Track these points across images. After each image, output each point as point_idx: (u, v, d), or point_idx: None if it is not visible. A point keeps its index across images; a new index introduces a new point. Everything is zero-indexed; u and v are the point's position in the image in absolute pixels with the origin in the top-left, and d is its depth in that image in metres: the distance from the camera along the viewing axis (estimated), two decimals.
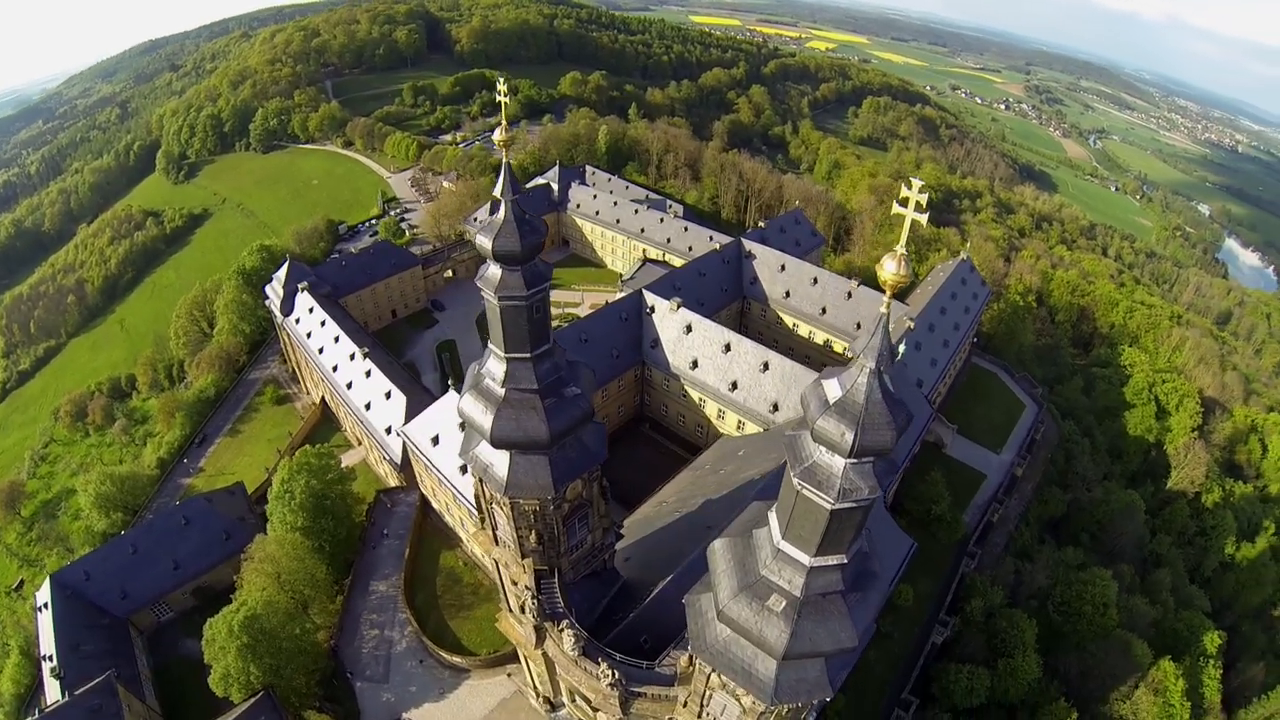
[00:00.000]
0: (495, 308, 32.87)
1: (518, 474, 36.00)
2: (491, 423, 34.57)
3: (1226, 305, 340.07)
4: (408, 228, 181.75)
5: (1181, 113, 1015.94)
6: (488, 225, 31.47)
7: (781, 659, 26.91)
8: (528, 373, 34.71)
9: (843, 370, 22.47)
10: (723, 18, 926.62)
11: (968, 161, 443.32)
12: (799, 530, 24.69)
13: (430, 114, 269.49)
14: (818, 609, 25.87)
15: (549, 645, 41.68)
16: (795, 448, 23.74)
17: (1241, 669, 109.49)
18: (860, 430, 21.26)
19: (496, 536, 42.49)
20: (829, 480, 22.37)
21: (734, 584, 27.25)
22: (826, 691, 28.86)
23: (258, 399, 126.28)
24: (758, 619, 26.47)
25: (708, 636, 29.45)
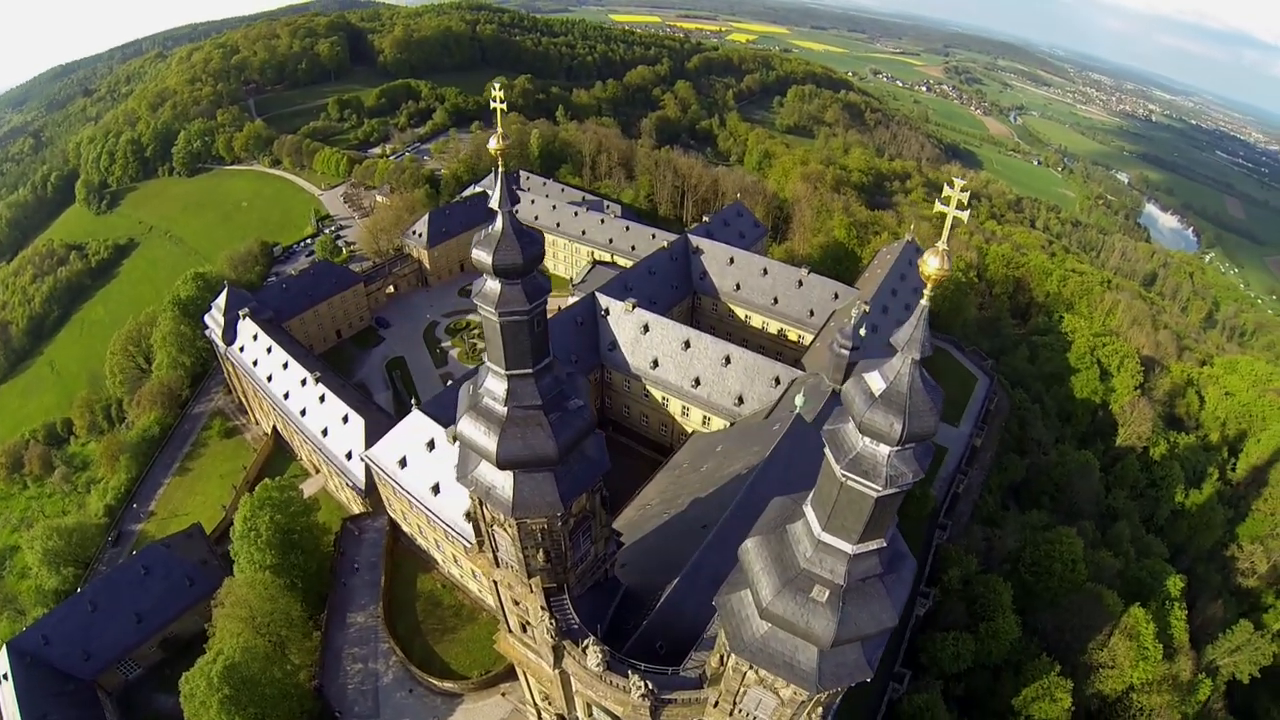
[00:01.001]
0: (495, 324, 31.29)
1: (524, 494, 34.55)
2: (497, 444, 33.04)
3: (1151, 267, 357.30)
4: (344, 245, 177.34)
5: (1096, 86, 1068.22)
6: (485, 239, 29.80)
7: (829, 647, 27.29)
8: (531, 389, 33.32)
9: (883, 363, 22.62)
10: (643, 15, 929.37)
11: (894, 144, 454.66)
12: (841, 520, 24.79)
13: (358, 127, 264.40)
14: (860, 594, 26.17)
15: (568, 663, 40.24)
16: (838, 441, 23.55)
17: (1202, 608, 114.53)
18: (908, 419, 21.64)
19: (498, 558, 40.81)
20: (875, 469, 22.60)
21: (775, 581, 27.04)
22: (867, 673, 28.84)
23: (205, 434, 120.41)
24: (803, 611, 26.56)
25: (745, 635, 29.24)
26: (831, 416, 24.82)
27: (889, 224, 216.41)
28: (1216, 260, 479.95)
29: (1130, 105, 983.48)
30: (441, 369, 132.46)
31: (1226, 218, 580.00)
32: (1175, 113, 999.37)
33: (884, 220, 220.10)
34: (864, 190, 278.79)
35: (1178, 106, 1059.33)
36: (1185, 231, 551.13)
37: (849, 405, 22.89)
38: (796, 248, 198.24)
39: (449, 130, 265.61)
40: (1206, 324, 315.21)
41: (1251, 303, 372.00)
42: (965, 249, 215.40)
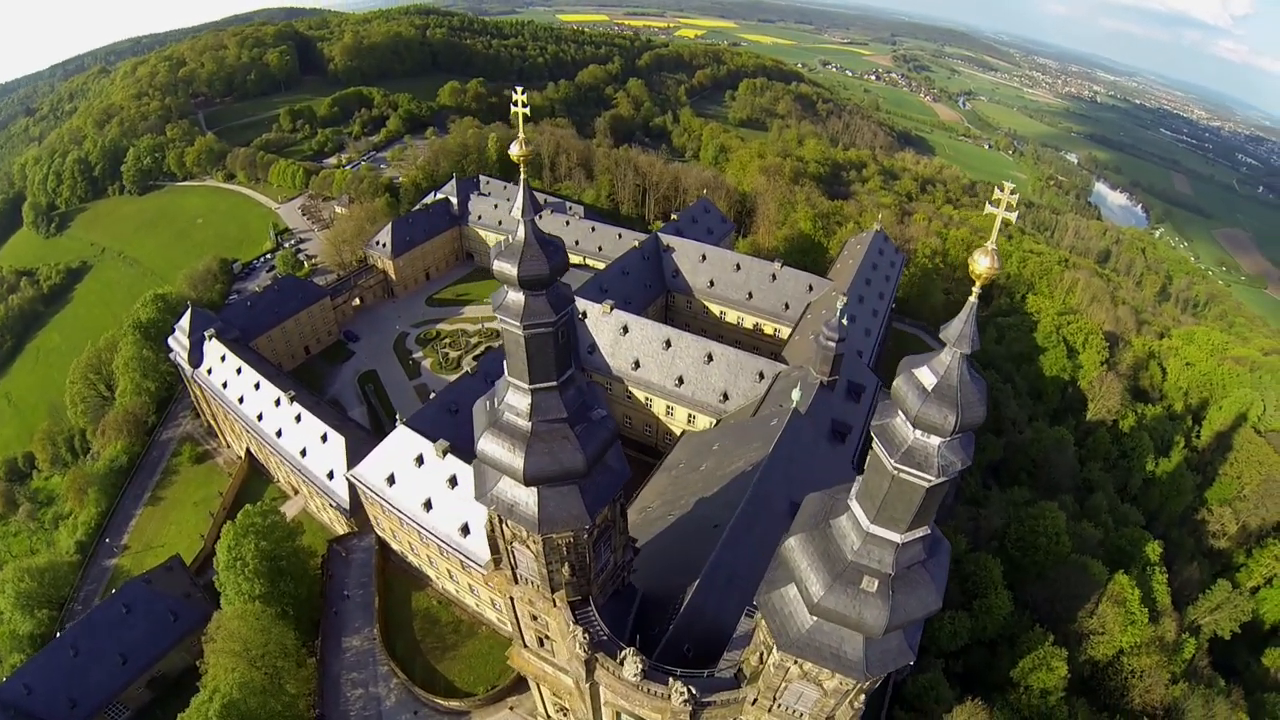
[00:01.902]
0: (519, 338, 30.16)
1: (549, 509, 33.53)
2: (524, 461, 31.96)
3: (1104, 244, 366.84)
4: (306, 258, 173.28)
5: (1042, 70, 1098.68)
6: (508, 250, 28.64)
7: (881, 635, 27.99)
8: (555, 402, 32.28)
9: (931, 357, 23.50)
10: (590, 14, 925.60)
11: (847, 134, 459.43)
12: (891, 512, 25.33)
13: (311, 138, 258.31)
14: (907, 581, 26.90)
15: (600, 675, 39.50)
16: (889, 435, 24.10)
17: (1179, 570, 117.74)
18: (960, 411, 22.48)
19: (517, 575, 39.65)
20: (927, 460, 23.25)
21: (825, 576, 27.37)
22: (909, 657, 29.70)
23: (175, 460, 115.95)
24: (854, 603, 27.10)
25: (791, 631, 29.63)
26: (878, 412, 25.27)
27: (851, 213, 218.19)
28: (1166, 235, 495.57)
29: (1076, 87, 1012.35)
30: (415, 381, 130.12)
31: (1174, 193, 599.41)
32: (1120, 93, 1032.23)
33: (845, 210, 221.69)
34: (821, 181, 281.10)
35: (1122, 87, 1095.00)
36: (1135, 208, 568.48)
37: (900, 401, 23.53)
38: (761, 241, 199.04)
39: (404, 137, 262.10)
40: (1161, 297, 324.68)
41: (1202, 275, 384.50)
42: (926, 234, 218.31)
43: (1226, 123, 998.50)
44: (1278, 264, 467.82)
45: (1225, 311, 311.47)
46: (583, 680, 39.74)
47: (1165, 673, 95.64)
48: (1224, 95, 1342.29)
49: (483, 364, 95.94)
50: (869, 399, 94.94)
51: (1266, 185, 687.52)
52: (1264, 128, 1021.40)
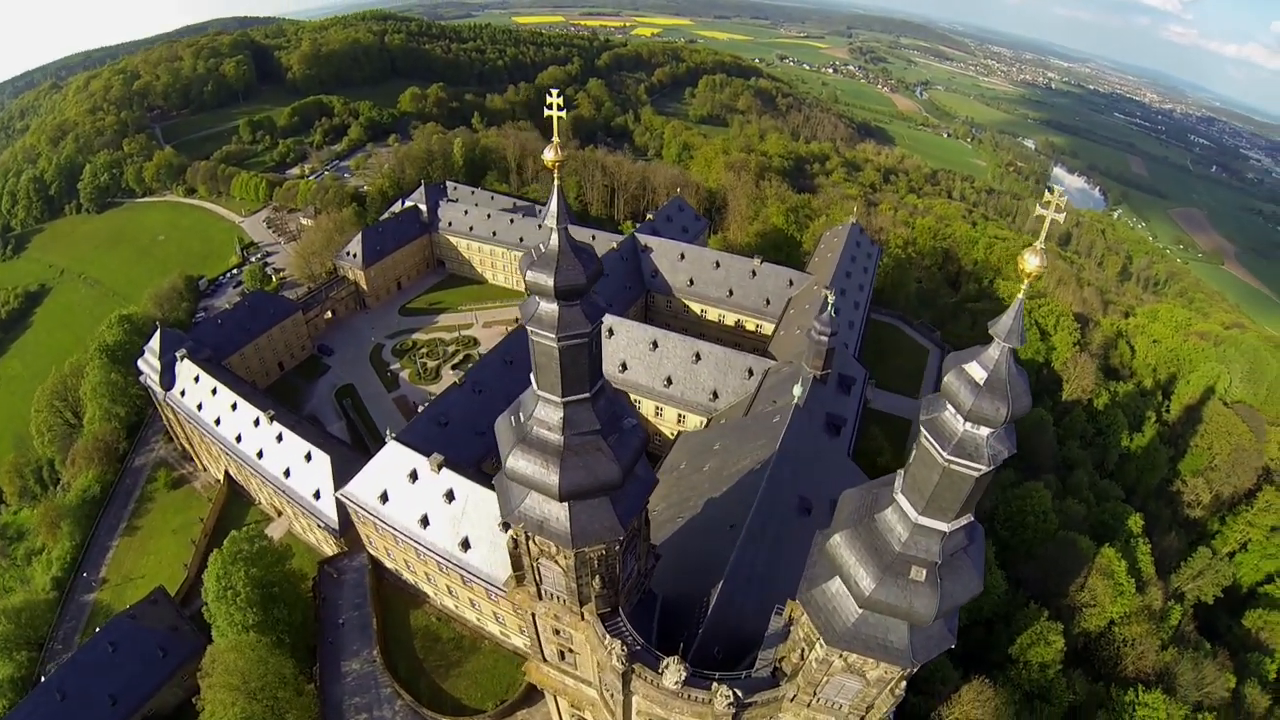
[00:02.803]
0: (553, 350, 29.12)
1: (582, 522, 32.65)
2: (559, 476, 31.04)
3: (1065, 227, 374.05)
4: (273, 272, 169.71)
5: (996, 58, 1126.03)
6: (541, 260, 27.60)
7: (932, 622, 28.66)
8: (588, 414, 31.33)
9: (979, 352, 23.96)
10: (546, 15, 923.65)
11: (808, 127, 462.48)
12: (940, 502, 25.93)
13: (272, 149, 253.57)
14: (952, 568, 27.61)
15: (636, 684, 38.86)
16: (939, 429, 24.56)
17: (1159, 540, 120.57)
18: (1011, 403, 22.92)
19: (541, 591, 38.66)
20: (978, 451, 23.91)
21: (874, 569, 27.87)
22: (950, 641, 30.53)
23: (150, 487, 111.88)
24: (905, 593, 27.69)
25: (837, 625, 30.08)
26: (925, 407, 25.71)
27: (819, 207, 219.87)
28: (1125, 216, 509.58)
29: (1030, 75, 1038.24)
30: (394, 393, 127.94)
31: (1130, 176, 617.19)
32: (1074, 79, 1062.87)
33: (814, 203, 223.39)
34: (786, 175, 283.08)
35: (1075, 73, 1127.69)
36: (1093, 191, 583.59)
37: (952, 396, 24.00)
38: (733, 238, 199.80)
39: (366, 145, 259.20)
40: (1122, 277, 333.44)
41: (1161, 254, 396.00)
42: (893, 224, 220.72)
43: (1178, 105, 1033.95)
44: (1232, 240, 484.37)
45: (1185, 289, 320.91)
46: (617, 692, 38.97)
47: (1155, 640, 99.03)
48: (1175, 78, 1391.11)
49: (470, 374, 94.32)
50: (859, 391, 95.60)
51: (1219, 165, 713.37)
52: (1214, 109, 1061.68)
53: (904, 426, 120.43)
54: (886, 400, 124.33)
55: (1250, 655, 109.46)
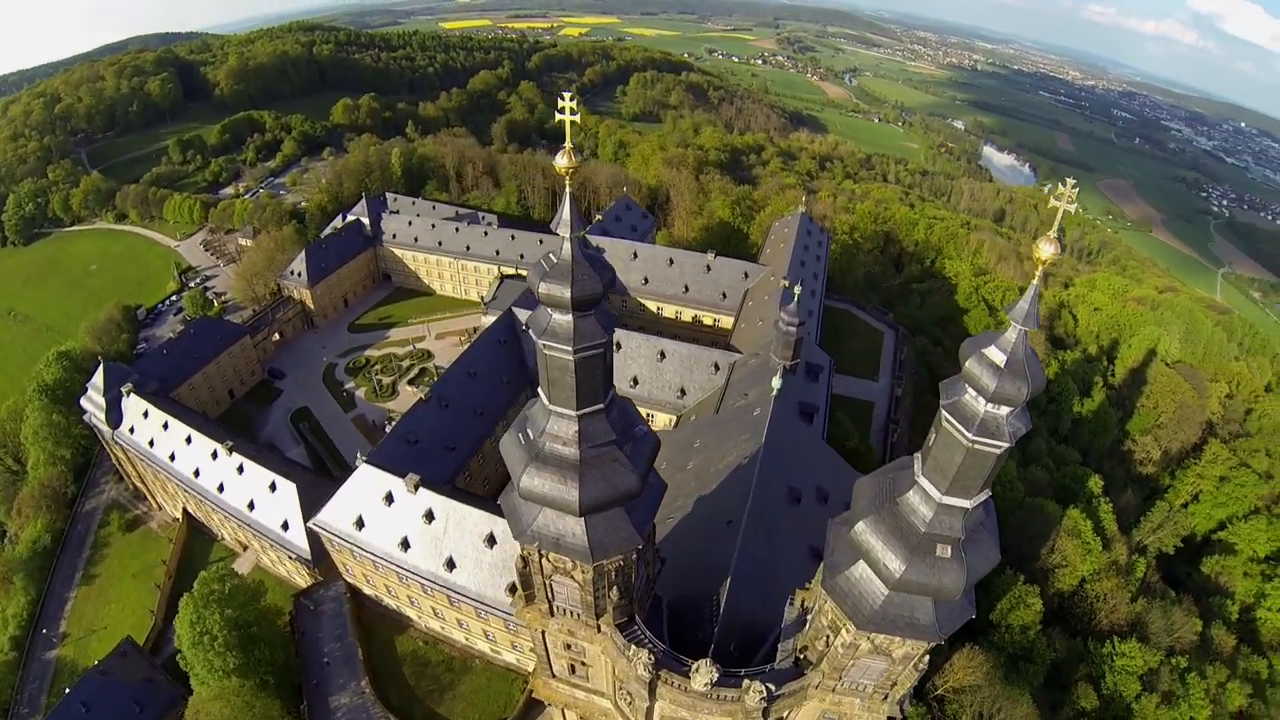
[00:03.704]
0: (569, 362, 28.23)
1: (599, 535, 31.88)
2: (578, 491, 30.25)
3: (999, 204, 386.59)
4: (215, 296, 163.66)
5: (922, 43, 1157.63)
6: (555, 271, 26.69)
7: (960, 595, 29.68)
8: (603, 425, 30.58)
9: (995, 337, 24.85)
10: (473, 20, 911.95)
11: (741, 119, 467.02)
12: (964, 481, 26.72)
13: (204, 168, 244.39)
14: (973, 542, 28.53)
15: (662, 690, 38.44)
16: (962, 412, 25.33)
17: (1116, 498, 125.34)
18: (1030, 382, 24.07)
19: (554, 608, 37.69)
20: (999, 430, 24.96)
21: (903, 551, 28.52)
22: (970, 611, 31.63)
23: (104, 532, 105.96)
24: (933, 571, 28.45)
25: (866, 608, 30.67)
26: (947, 391, 26.35)
27: (761, 198, 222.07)
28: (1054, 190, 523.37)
29: (957, 58, 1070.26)
30: (352, 413, 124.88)
31: (1058, 151, 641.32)
32: (998, 60, 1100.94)
33: (755, 195, 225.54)
34: (723, 167, 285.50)
35: (1000, 54, 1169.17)
36: (1022, 168, 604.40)
37: (974, 380, 24.84)
38: (679, 233, 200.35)
39: (301, 160, 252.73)
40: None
41: (1092, 224, 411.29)
42: (832, 210, 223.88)
43: (1100, 81, 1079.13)
44: (1159, 209, 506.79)
45: (1118, 257, 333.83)
46: (642, 700, 38.35)
47: (1125, 593, 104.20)
48: (1096, 56, 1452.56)
49: (434, 389, 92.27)
50: (826, 378, 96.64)
51: (1142, 137, 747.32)
52: (1135, 84, 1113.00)
53: (867, 409, 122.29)
54: (847, 384, 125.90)
55: (1212, 599, 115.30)
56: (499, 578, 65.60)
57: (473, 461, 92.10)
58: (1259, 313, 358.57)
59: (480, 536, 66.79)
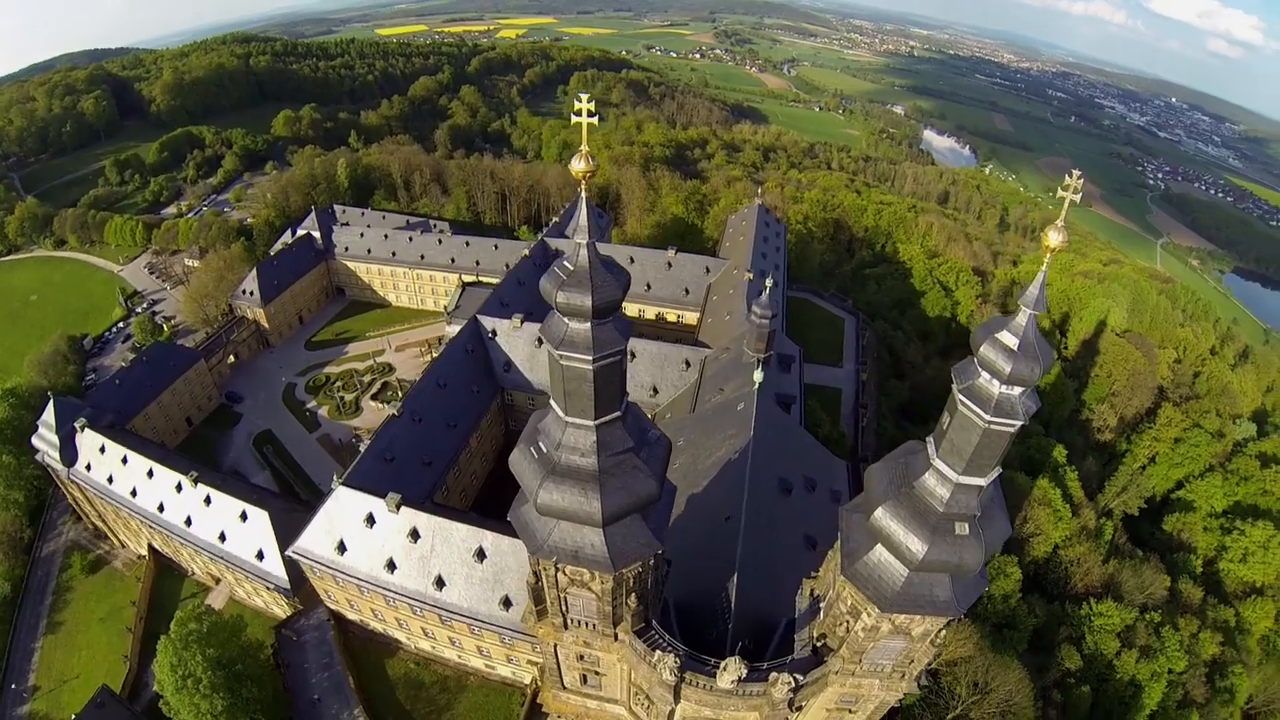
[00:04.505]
0: (587, 372, 27.64)
1: (619, 544, 31.38)
2: (600, 502, 29.70)
3: (942, 186, 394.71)
4: (164, 321, 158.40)
5: (859, 31, 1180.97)
6: (574, 279, 26.00)
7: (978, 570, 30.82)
8: (621, 433, 30.15)
9: (1007, 321, 26.09)
10: (409, 26, 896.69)
11: (683, 114, 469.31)
12: (979, 461, 27.95)
13: (144, 188, 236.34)
14: (987, 517, 29.67)
15: (687, 692, 38.35)
16: (978, 395, 26.58)
17: (1079, 466, 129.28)
18: (1041, 362, 25.59)
19: (568, 621, 37.07)
20: (1013, 409, 26.30)
21: (924, 532, 29.29)
22: (984, 583, 33.38)
23: (66, 576, 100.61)
24: (954, 549, 29.29)
25: (887, 591, 31.38)
26: (961, 376, 27.45)
27: (709, 192, 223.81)
28: (995, 170, 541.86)
29: (893, 44, 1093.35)
30: (316, 433, 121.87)
31: (996, 132, 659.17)
32: (934, 46, 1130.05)
33: (704, 189, 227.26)
34: (669, 163, 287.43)
35: (935, 40, 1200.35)
36: (962, 150, 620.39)
37: (989, 364, 25.89)
38: (632, 231, 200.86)
39: (243, 175, 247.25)
40: (1001, 227, 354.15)
41: (1034, 202, 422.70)
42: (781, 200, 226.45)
43: (1034, 63, 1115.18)
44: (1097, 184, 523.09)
45: None
46: (667, 703, 38.10)
47: (1096, 556, 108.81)
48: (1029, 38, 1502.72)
49: (406, 404, 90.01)
50: (798, 368, 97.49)
51: (1077, 115, 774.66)
52: (1068, 64, 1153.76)
53: (835, 396, 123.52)
54: (814, 373, 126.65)
55: (1177, 555, 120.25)
56: (491, 592, 64.58)
57: (449, 475, 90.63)
58: (1198, 280, 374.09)
59: (469, 551, 65.50)
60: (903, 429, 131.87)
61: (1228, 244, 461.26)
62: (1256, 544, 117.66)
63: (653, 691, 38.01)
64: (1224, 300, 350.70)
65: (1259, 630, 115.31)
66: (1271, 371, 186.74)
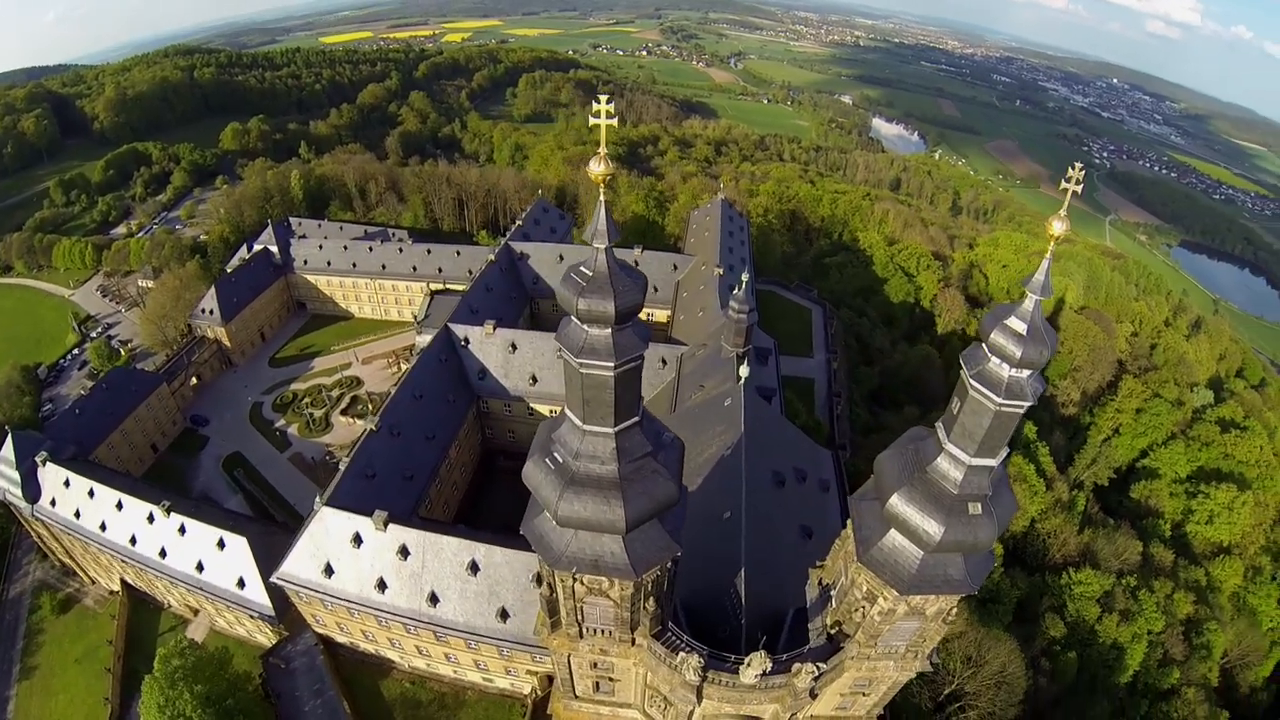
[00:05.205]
0: (607, 379, 27.17)
1: (639, 549, 31.14)
2: (624, 510, 29.34)
3: (894, 173, 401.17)
4: (120, 345, 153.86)
5: (804, 23, 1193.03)
6: (594, 284, 25.52)
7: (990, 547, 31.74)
8: (640, 439, 29.80)
9: (1015, 307, 26.73)
10: (353, 33, 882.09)
11: (632, 111, 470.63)
12: (991, 442, 28.68)
13: (91, 209, 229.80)
14: (997, 493, 30.43)
15: (710, 690, 38.43)
16: (988, 378, 27.29)
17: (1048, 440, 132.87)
18: (1049, 346, 26.21)
19: (583, 630, 36.71)
20: (1022, 391, 26.86)
21: (940, 515, 29.96)
22: (993, 559, 34.61)
23: (36, 618, 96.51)
24: (969, 529, 30.11)
25: (904, 574, 32.11)
26: (970, 361, 28.11)
27: (665, 189, 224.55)
28: (945, 155, 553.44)
29: (839, 35, 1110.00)
30: (287, 452, 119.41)
31: (943, 117, 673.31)
32: (879, 35, 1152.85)
33: (660, 186, 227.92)
34: (622, 160, 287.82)
35: (880, 29, 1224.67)
36: (911, 137, 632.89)
37: (1000, 349, 26.56)
38: None
39: (193, 191, 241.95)
40: (954, 211, 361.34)
41: (984, 185, 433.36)
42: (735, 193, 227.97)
43: (979, 49, 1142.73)
44: (1045, 165, 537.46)
45: (1013, 214, 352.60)
46: (689, 704, 38.22)
47: (1072, 527, 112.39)
48: (973, 25, 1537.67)
49: (383, 418, 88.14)
50: (775, 360, 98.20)
51: (1022, 98, 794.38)
52: (1011, 49, 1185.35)
53: (808, 385, 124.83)
54: (786, 364, 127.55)
55: (1146, 521, 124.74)
56: (487, 605, 63.77)
57: (432, 487, 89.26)
58: (1147, 254, 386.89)
59: (461, 565, 64.52)
60: (875, 415, 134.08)
61: (1173, 218, 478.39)
62: (1221, 505, 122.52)
63: (674, 693, 37.87)
64: (1173, 273, 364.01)
65: (1229, 587, 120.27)
66: (1223, 339, 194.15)
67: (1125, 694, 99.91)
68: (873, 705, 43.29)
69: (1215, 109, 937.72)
